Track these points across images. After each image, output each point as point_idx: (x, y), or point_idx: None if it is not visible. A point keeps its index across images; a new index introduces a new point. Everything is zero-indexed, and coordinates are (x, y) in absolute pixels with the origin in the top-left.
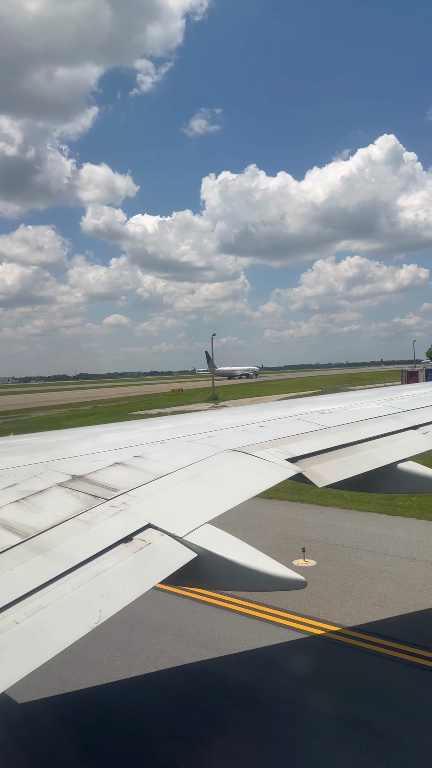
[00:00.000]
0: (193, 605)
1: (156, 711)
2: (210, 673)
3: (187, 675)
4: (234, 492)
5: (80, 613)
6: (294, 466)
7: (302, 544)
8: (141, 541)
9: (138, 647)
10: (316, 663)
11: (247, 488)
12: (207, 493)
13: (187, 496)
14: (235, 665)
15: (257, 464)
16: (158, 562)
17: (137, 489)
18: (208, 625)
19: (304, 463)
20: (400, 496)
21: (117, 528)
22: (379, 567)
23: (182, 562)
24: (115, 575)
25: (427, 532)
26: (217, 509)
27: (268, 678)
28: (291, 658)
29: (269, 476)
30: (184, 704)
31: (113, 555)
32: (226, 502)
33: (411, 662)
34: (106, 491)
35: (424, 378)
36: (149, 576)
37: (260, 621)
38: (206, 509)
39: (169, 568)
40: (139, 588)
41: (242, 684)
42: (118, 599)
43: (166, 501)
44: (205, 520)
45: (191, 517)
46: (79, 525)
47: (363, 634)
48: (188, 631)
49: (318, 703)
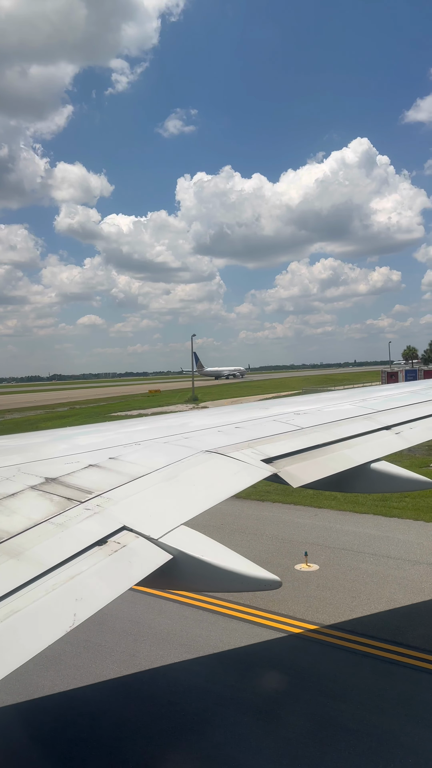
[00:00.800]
0: (198, 614)
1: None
2: (225, 685)
3: (202, 690)
4: (210, 493)
5: (54, 616)
6: (269, 467)
7: (301, 547)
8: (116, 544)
9: (145, 659)
10: (339, 675)
11: (222, 489)
12: (183, 494)
13: (163, 498)
14: (252, 678)
15: (233, 465)
16: (133, 565)
17: (112, 491)
18: (216, 635)
19: (279, 464)
20: (394, 497)
21: (91, 530)
22: (384, 571)
23: (157, 564)
24: (90, 578)
25: (427, 534)
26: (192, 510)
27: (293, 691)
28: (309, 671)
29: (245, 477)
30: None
31: (88, 558)
32: (201, 503)
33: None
34: (80, 494)
35: (403, 378)
36: (124, 578)
37: (269, 629)
38: (182, 511)
39: (144, 570)
40: (114, 590)
41: (264, 699)
42: (92, 602)
43: (142, 503)
44: (180, 522)
45: (167, 519)
46: (53, 528)
47: (378, 641)
48: (196, 641)
49: (345, 718)
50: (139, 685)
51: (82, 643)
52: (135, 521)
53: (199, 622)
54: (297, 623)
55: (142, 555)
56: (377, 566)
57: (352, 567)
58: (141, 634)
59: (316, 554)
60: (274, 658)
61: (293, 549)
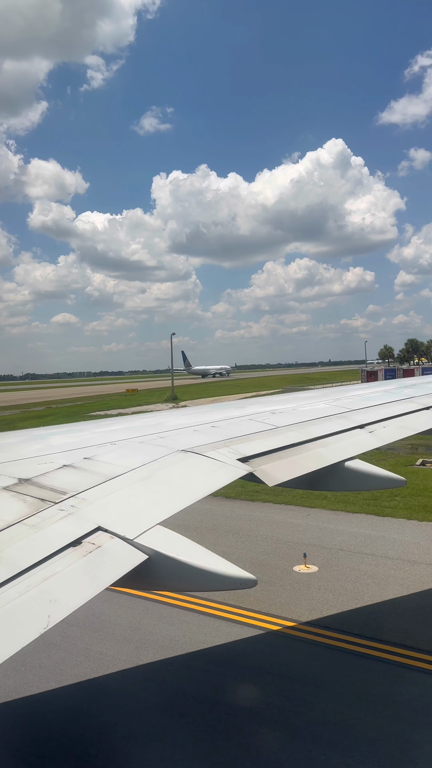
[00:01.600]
0: (200, 619)
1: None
2: (236, 694)
3: (212, 702)
4: (186, 492)
5: (27, 618)
6: (245, 466)
7: (297, 548)
8: (90, 545)
9: (150, 667)
10: (355, 681)
11: (198, 488)
12: (158, 494)
13: (138, 498)
14: (264, 686)
15: (209, 464)
16: (108, 565)
17: (87, 491)
18: (220, 641)
19: (254, 463)
20: (384, 496)
21: (65, 531)
22: (384, 572)
23: (133, 564)
24: (64, 579)
25: (422, 534)
26: (168, 510)
27: (310, 700)
28: (325, 678)
29: (221, 476)
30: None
31: (62, 559)
32: (177, 502)
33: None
34: (54, 494)
35: (383, 377)
36: (99, 579)
37: (272, 634)
38: (157, 511)
39: (119, 571)
40: (88, 591)
41: (281, 709)
42: (67, 603)
43: (117, 503)
44: (156, 522)
45: (142, 519)
46: (26, 529)
47: (390, 645)
48: (199, 647)
49: (365, 726)
50: (146, 695)
51: (82, 652)
52: (110, 522)
53: (201, 627)
54: (304, 627)
55: (117, 555)
56: (377, 567)
57: (352, 568)
58: (143, 641)
59: (313, 555)
60: (283, 664)
61: (289, 550)
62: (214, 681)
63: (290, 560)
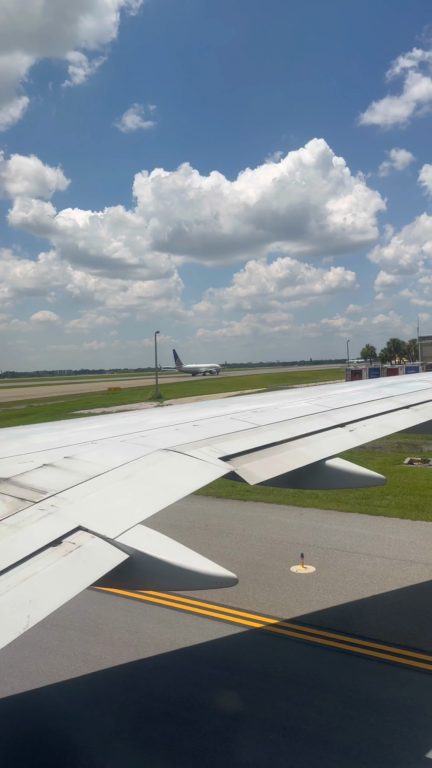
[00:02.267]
0: (200, 622)
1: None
2: (245, 700)
3: (219, 708)
4: (167, 492)
5: (7, 619)
6: (227, 465)
7: (292, 548)
8: (71, 544)
9: (151, 672)
10: (368, 686)
11: (180, 487)
12: (139, 493)
13: (119, 497)
14: (271, 693)
15: (190, 463)
16: (89, 565)
17: (67, 491)
18: (222, 644)
19: (236, 462)
20: (375, 495)
21: (45, 531)
22: (382, 572)
23: (114, 563)
24: (44, 579)
25: (416, 533)
26: (150, 509)
27: (315, 704)
28: (329, 682)
29: (202, 475)
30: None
31: (42, 559)
32: (159, 501)
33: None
34: (34, 494)
35: (367, 376)
36: (79, 579)
37: (274, 636)
38: (139, 510)
39: (100, 570)
40: (69, 591)
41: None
42: (47, 603)
43: (98, 502)
44: (137, 521)
45: (123, 518)
46: (5, 529)
47: (395, 647)
48: (202, 651)
49: (386, 738)
50: (149, 701)
51: (80, 657)
52: (90, 521)
53: (201, 630)
54: (303, 629)
55: (98, 555)
56: (375, 567)
57: (350, 568)
58: (143, 645)
59: (309, 555)
60: (288, 668)
61: (285, 550)
62: (218, 685)
63: (287, 561)
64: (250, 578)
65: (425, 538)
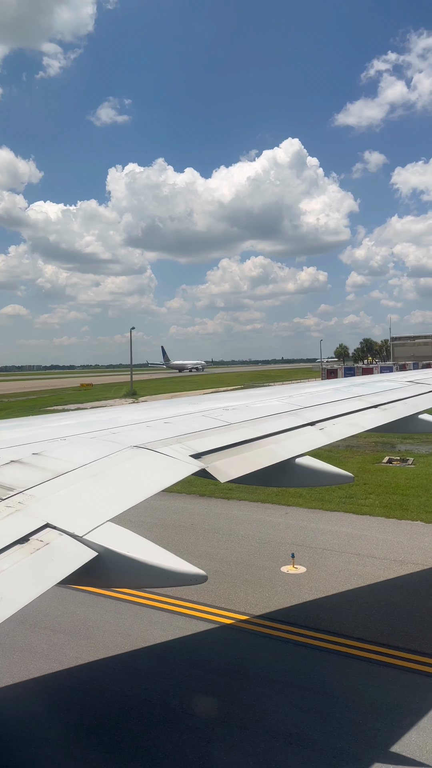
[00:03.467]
0: (193, 624)
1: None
2: (244, 705)
3: (225, 714)
4: (137, 489)
5: None
6: (198, 462)
7: (280, 547)
8: (38, 542)
9: (147, 677)
10: (372, 691)
11: (150, 485)
12: (109, 490)
13: (88, 495)
14: (273, 697)
15: (161, 461)
16: (56, 563)
17: (35, 488)
18: (218, 648)
19: (207, 459)
20: (358, 494)
21: (12, 529)
22: (373, 572)
23: (82, 561)
24: (10, 577)
25: (402, 532)
26: (119, 507)
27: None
28: (332, 687)
29: (173, 472)
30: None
31: (8, 557)
32: (129, 499)
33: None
34: (0, 490)
35: (343, 375)
36: (47, 577)
37: (277, 641)
38: (108, 507)
39: (68, 568)
40: (36, 589)
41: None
42: (13, 601)
43: (66, 500)
44: (106, 518)
45: (92, 516)
46: None
47: (394, 650)
48: (199, 655)
49: (391, 742)
50: (148, 708)
51: (72, 662)
52: (59, 518)
53: (195, 633)
54: (301, 631)
55: (66, 553)
56: (365, 567)
57: (340, 568)
58: (136, 649)
59: (299, 555)
60: (288, 672)
61: (273, 550)
62: (218, 692)
63: (276, 560)
64: (241, 579)
65: (412, 537)
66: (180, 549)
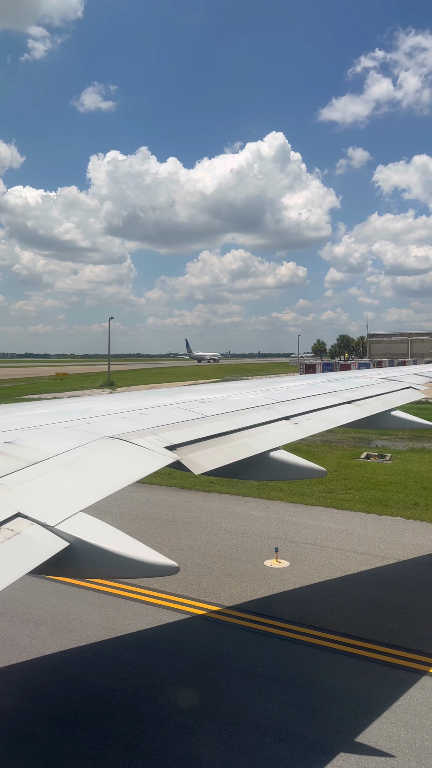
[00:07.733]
0: (177, 617)
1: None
2: (238, 703)
3: (225, 714)
4: (111, 479)
5: None
6: (172, 454)
7: (263, 541)
8: (9, 531)
9: (133, 671)
10: (360, 687)
11: (124, 476)
12: (82, 480)
13: (61, 484)
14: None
15: (135, 451)
16: (27, 552)
17: (7, 476)
18: (205, 642)
19: (182, 451)
20: (338, 489)
21: None
22: (356, 567)
23: (53, 551)
24: None
25: (383, 528)
26: (92, 497)
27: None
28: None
29: (147, 463)
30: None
31: None
32: (102, 489)
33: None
34: None
35: (321, 370)
36: (17, 566)
37: (264, 635)
38: (81, 497)
39: (38, 558)
40: (5, 579)
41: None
42: None
43: (39, 489)
44: (79, 508)
45: (64, 506)
46: None
47: (381, 645)
48: (185, 649)
49: (383, 740)
50: (135, 703)
51: (57, 655)
52: (30, 508)
53: (181, 626)
54: (287, 626)
55: (37, 542)
56: (348, 562)
57: (323, 563)
58: (121, 642)
59: (281, 549)
60: (276, 667)
61: (256, 544)
62: (206, 687)
63: (259, 554)
64: (224, 572)
65: (393, 533)
66: (162, 542)
